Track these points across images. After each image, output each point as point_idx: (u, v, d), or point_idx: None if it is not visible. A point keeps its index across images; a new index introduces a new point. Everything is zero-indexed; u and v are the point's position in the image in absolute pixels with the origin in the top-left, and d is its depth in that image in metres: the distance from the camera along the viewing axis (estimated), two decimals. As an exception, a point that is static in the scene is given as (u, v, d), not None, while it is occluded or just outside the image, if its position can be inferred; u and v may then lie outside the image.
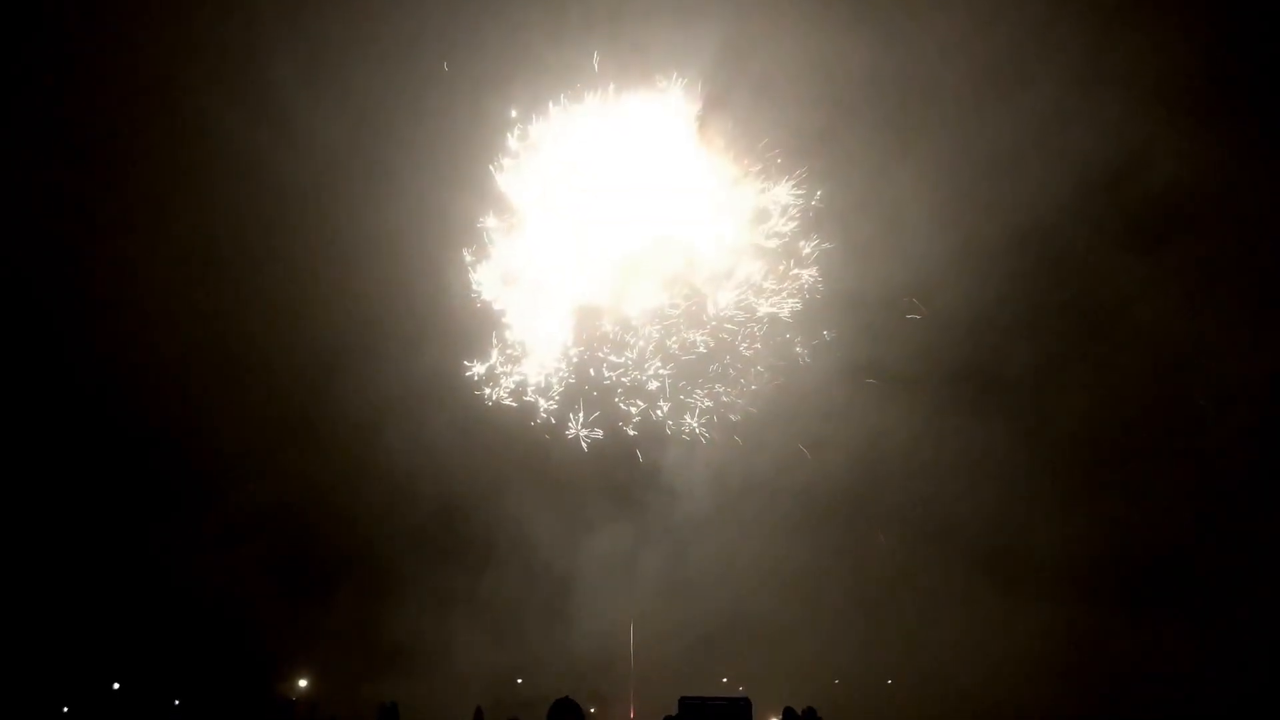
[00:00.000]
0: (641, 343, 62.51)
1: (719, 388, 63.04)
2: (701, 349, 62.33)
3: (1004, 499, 63.15)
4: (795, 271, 61.54)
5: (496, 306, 63.34)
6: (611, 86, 60.78)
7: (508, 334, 63.52)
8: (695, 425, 63.33)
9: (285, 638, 61.90)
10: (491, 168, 62.32)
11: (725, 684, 69.62)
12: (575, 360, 63.11)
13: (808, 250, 61.52)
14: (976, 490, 63.85)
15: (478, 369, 63.22)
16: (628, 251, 63.06)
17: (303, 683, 61.20)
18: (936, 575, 64.62)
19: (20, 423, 60.35)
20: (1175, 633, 52.63)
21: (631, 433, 63.92)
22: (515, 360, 63.72)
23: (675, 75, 60.64)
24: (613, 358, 62.85)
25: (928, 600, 64.45)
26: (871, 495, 66.53)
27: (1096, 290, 64.53)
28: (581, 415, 62.98)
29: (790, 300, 61.93)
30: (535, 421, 63.60)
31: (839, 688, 65.49)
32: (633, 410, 63.06)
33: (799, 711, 30.25)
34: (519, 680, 69.82)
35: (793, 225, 61.19)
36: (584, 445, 63.53)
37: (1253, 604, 51.62)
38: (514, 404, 63.47)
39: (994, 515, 62.89)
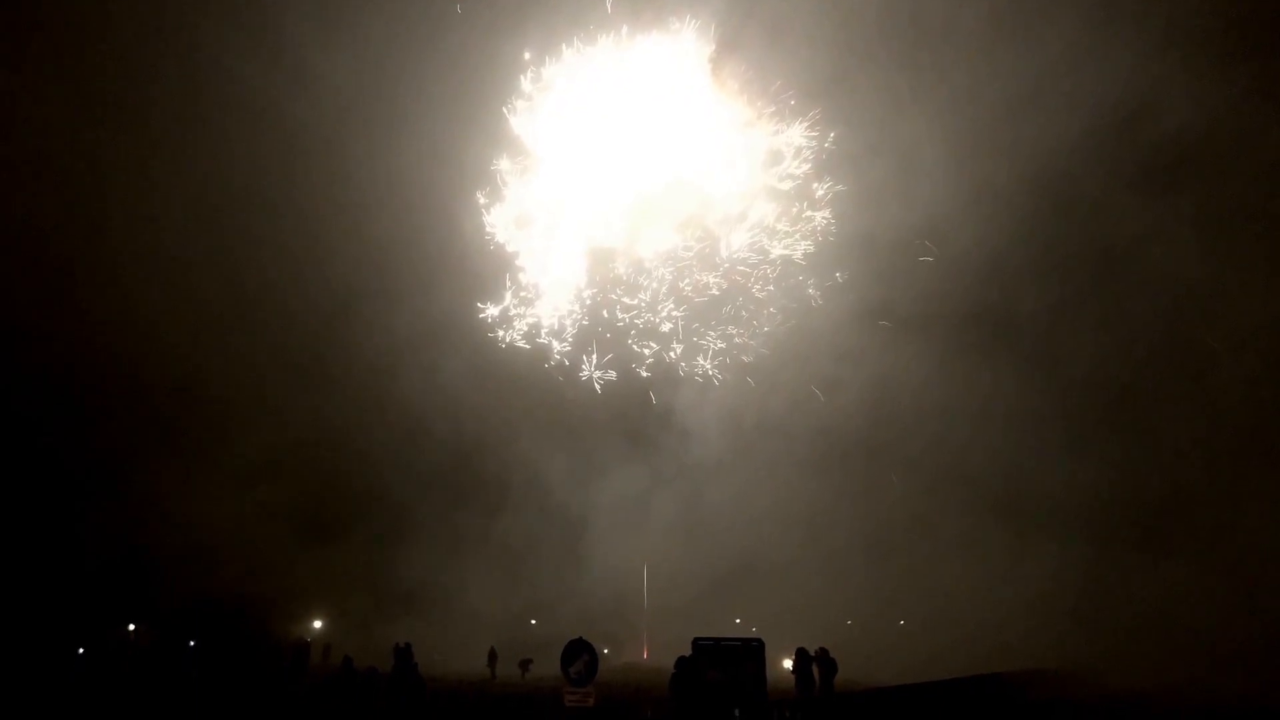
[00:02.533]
0: (655, 284, 62.55)
1: (731, 329, 63.13)
2: (714, 291, 62.30)
3: (1016, 441, 63.34)
4: (808, 214, 61.38)
5: (510, 249, 63.42)
6: (625, 29, 60.39)
7: (521, 276, 63.61)
8: (708, 367, 63.43)
9: (300, 580, 62.35)
10: (505, 110, 62.21)
11: (738, 625, 70.02)
12: (588, 302, 63.22)
13: (821, 193, 61.36)
14: (988, 433, 64.02)
15: (491, 311, 63.30)
16: (641, 194, 62.91)
17: (317, 624, 61.62)
18: (949, 517, 64.86)
19: (35, 364, 60.55)
20: (1185, 574, 52.69)
21: (644, 374, 64.11)
22: (528, 302, 63.79)
23: (688, 17, 60.18)
24: (626, 299, 62.91)
25: (940, 542, 64.72)
26: (884, 437, 66.79)
27: (1108, 234, 64.21)
28: (595, 357, 63.12)
29: (803, 242, 61.79)
30: (549, 363, 63.78)
31: (852, 628, 65.84)
32: (646, 352, 63.17)
33: (812, 652, 30.41)
34: (533, 621, 70.28)
35: (805, 168, 60.96)
36: (597, 387, 63.74)
37: (1262, 545, 51.66)
38: (527, 346, 63.62)
39: (1006, 457, 63.06)
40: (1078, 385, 63.88)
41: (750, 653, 27.43)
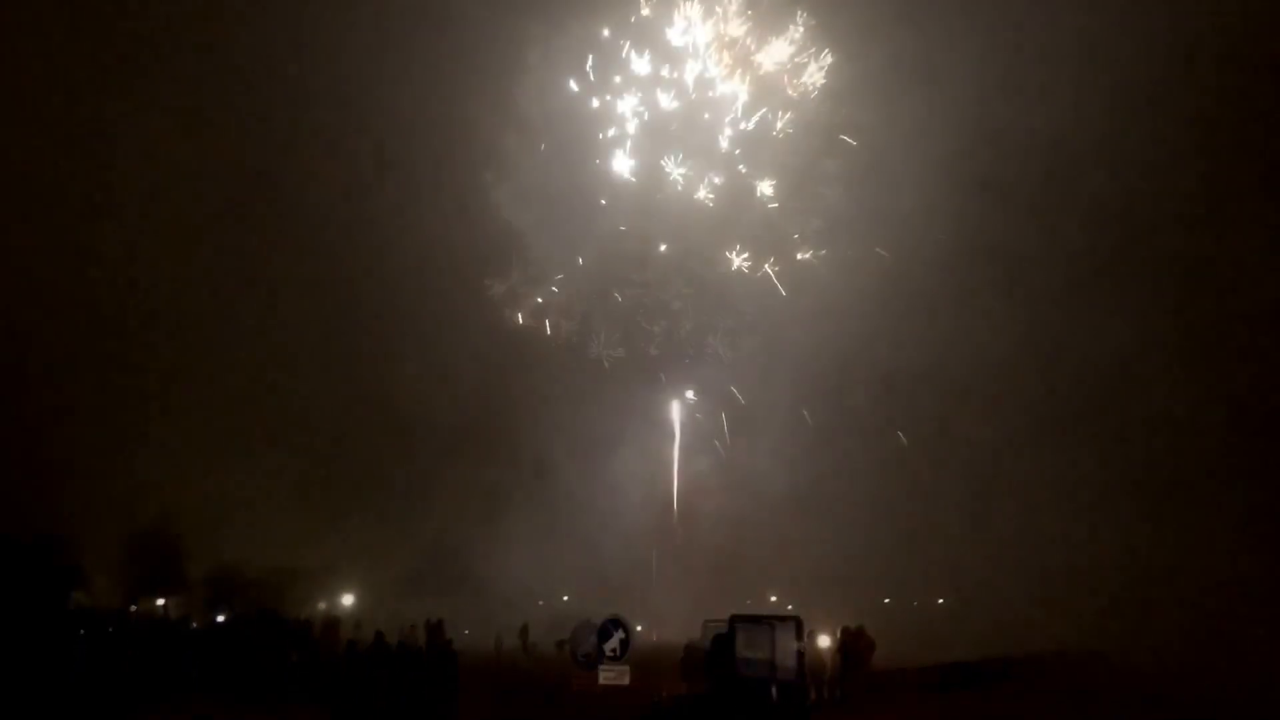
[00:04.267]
0: (665, 261, 62.54)
1: (743, 307, 63.24)
2: (731, 268, 62.48)
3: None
4: (820, 191, 61.72)
5: (517, 226, 63.25)
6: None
7: (529, 253, 63.46)
8: (718, 345, 63.35)
9: (330, 554, 61.64)
10: (512, 86, 62.21)
11: (747, 607, 69.74)
12: (595, 279, 63.25)
13: (831, 168, 61.72)
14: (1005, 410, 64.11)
15: (498, 288, 63.14)
16: (651, 168, 62.83)
17: (348, 599, 60.88)
18: (968, 498, 64.61)
19: (44, 334, 60.26)
20: (1216, 544, 52.68)
21: (654, 352, 63.91)
22: (536, 281, 63.56)
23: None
24: (634, 276, 62.84)
25: (961, 522, 64.43)
26: (899, 411, 66.77)
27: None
28: (603, 335, 62.91)
29: (814, 220, 62.16)
30: (558, 341, 63.78)
31: (880, 608, 65.44)
32: (655, 330, 63.01)
33: (853, 628, 30.21)
34: (565, 598, 69.70)
35: (815, 141, 61.38)
36: (605, 364, 63.58)
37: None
38: (534, 323, 63.50)
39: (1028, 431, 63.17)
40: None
41: (787, 629, 27.12)
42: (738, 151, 63.24)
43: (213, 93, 67.19)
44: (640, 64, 62.64)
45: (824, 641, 32.32)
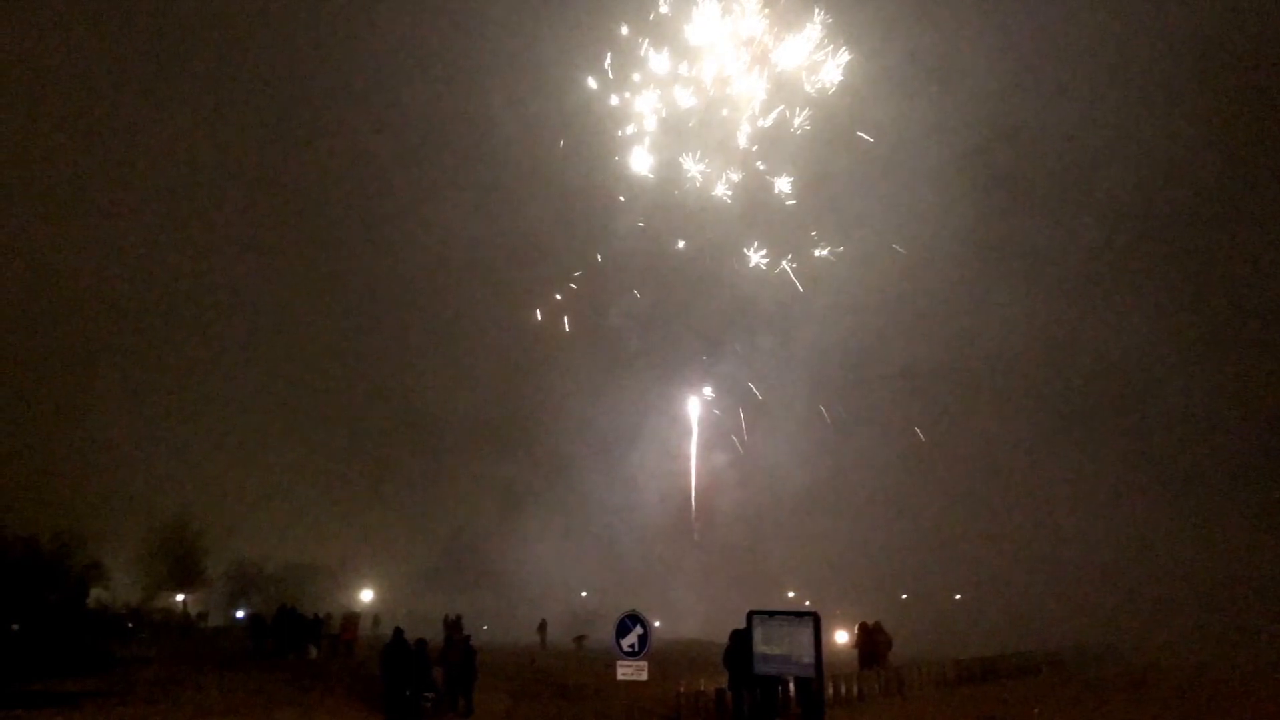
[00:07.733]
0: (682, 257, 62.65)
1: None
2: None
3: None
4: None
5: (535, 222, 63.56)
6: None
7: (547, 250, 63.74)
8: (735, 341, 63.36)
9: (350, 550, 61.97)
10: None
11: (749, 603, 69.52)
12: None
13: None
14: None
15: (516, 285, 63.42)
16: (667, 170, 62.98)
17: (367, 594, 61.02)
18: (985, 494, 64.48)
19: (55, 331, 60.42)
20: (1232, 541, 52.53)
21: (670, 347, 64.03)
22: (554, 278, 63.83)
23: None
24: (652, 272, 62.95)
25: (978, 518, 64.33)
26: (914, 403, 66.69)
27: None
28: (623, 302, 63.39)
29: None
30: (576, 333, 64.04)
31: (898, 604, 65.27)
32: (673, 326, 63.20)
33: (870, 624, 30.18)
34: (583, 594, 69.78)
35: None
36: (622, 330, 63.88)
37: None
38: (553, 319, 63.69)
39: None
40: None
41: (805, 625, 27.06)
42: (755, 148, 63.32)
43: (232, 92, 67.61)
44: (659, 61, 62.82)
45: (842, 637, 32.28)
